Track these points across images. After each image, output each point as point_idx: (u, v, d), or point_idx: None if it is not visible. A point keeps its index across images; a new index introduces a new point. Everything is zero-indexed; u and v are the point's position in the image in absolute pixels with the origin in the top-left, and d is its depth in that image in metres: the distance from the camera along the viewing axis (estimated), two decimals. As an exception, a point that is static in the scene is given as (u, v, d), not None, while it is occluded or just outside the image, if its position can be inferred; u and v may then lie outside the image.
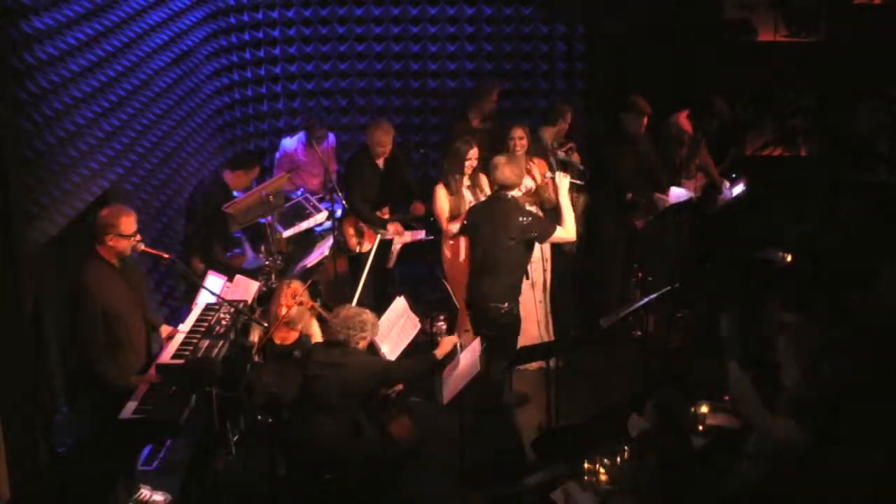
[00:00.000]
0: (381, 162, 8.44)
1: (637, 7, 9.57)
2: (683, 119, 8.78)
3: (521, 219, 7.02)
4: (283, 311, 6.64)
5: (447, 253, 7.99)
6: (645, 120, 8.43)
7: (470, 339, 7.19)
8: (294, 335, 6.80)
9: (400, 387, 6.83)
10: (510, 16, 9.93)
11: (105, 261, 6.02)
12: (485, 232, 7.15)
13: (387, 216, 8.40)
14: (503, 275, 7.11)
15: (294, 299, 6.70)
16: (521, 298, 7.33)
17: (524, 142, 7.91)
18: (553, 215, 7.46)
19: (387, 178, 8.48)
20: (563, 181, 7.13)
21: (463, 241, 7.76)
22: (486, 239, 7.14)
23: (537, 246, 7.46)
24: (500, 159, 7.16)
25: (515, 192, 7.18)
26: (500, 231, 7.06)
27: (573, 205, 7.35)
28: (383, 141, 8.34)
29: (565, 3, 9.79)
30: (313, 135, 8.61)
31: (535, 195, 7.86)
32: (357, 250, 8.37)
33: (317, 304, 6.90)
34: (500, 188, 7.12)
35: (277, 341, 6.75)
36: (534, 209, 7.66)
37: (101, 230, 5.99)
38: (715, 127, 8.81)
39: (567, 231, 7.11)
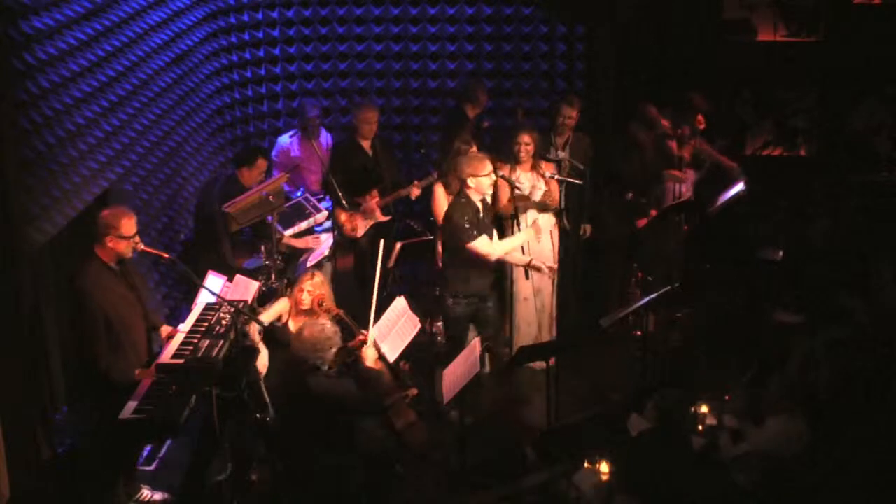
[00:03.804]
0: (367, 144, 8.44)
1: (637, 7, 9.58)
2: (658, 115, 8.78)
3: (462, 219, 7.06)
4: (306, 299, 6.70)
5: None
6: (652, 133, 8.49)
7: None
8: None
9: (415, 391, 6.85)
10: (510, 16, 9.93)
11: (102, 263, 6.01)
12: None
13: (376, 199, 8.38)
14: (449, 264, 7.26)
15: (317, 304, 6.79)
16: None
17: (530, 147, 7.81)
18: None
19: (375, 161, 8.48)
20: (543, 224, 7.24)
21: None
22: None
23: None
24: (461, 156, 7.31)
25: (478, 185, 7.12)
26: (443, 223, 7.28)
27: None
28: (370, 118, 8.37)
29: (565, 2, 9.80)
30: (307, 124, 8.61)
31: (546, 195, 7.83)
32: (354, 234, 8.36)
33: (342, 312, 6.92)
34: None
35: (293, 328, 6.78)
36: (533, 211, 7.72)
37: (101, 231, 5.98)
38: (693, 120, 8.77)
39: (493, 247, 7.09)
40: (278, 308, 6.84)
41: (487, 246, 7.04)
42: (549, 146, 8.29)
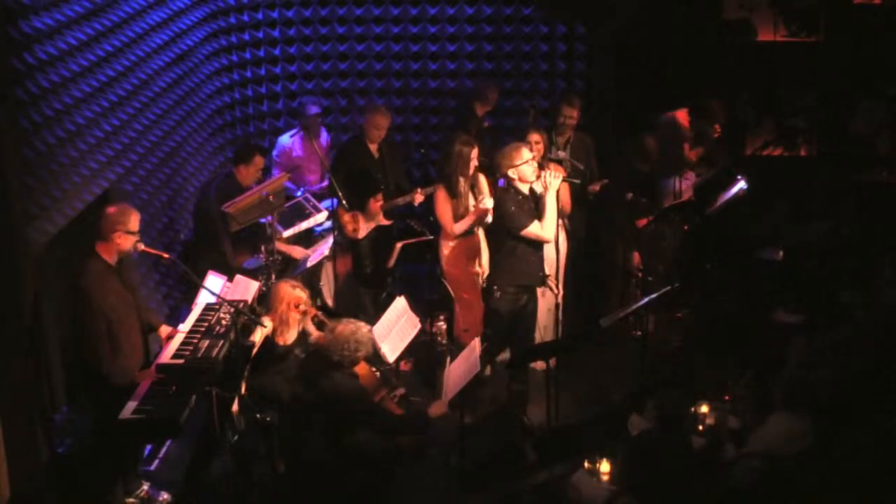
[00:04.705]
0: (374, 148, 8.43)
1: (637, 7, 9.57)
2: (682, 116, 8.77)
3: (511, 207, 7.08)
4: (285, 314, 6.66)
5: (446, 253, 7.98)
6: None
7: (469, 339, 7.20)
8: (294, 335, 6.81)
9: (402, 390, 6.84)
10: (510, 16, 9.93)
11: (103, 261, 6.03)
12: None
13: (380, 202, 8.38)
14: (498, 257, 7.29)
15: (297, 308, 6.71)
16: None
17: (540, 146, 7.80)
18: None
19: (381, 164, 8.47)
20: (554, 181, 7.12)
21: (462, 241, 7.78)
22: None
23: None
24: (503, 148, 7.27)
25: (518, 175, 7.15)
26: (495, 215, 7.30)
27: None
28: (381, 124, 8.34)
29: (565, 2, 9.79)
30: (308, 123, 8.61)
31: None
32: (355, 236, 8.36)
33: (320, 313, 6.90)
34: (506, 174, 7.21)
35: (280, 342, 6.76)
36: None
37: (108, 227, 6.01)
38: (710, 126, 8.79)
39: (543, 229, 7.09)
40: (266, 331, 6.79)
41: (540, 229, 7.09)
42: (549, 146, 8.29)
